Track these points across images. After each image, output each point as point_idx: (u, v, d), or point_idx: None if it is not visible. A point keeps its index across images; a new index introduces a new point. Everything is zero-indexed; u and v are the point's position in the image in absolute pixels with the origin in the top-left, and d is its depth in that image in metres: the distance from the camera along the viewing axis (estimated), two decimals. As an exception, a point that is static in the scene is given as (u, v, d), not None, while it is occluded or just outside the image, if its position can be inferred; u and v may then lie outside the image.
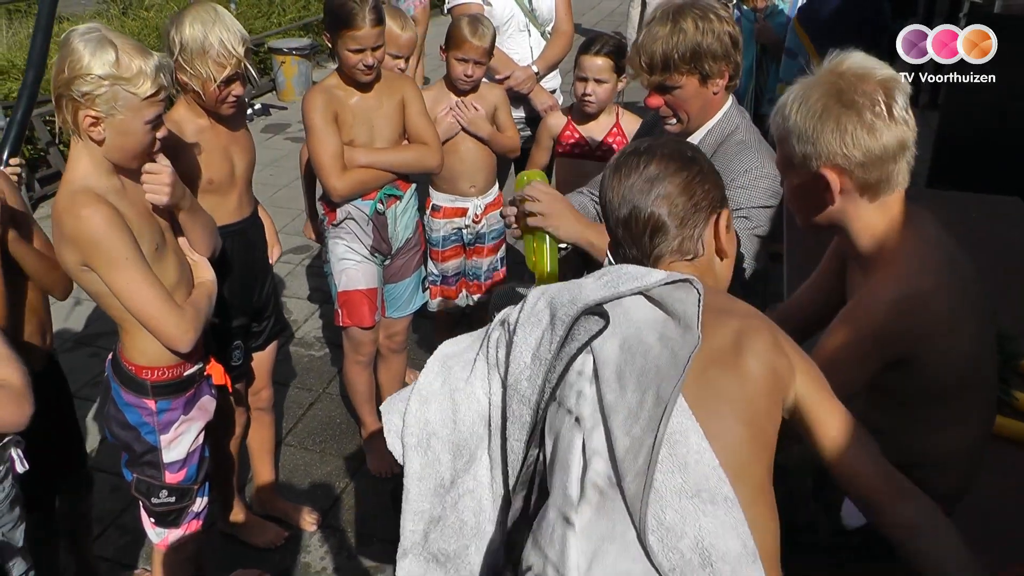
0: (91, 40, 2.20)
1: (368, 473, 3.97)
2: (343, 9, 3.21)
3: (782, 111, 1.99)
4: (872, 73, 1.93)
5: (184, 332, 2.42)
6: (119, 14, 11.36)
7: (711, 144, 2.86)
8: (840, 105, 1.90)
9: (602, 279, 1.67)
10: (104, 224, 2.25)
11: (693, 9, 2.72)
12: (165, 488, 2.62)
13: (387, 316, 3.86)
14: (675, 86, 2.76)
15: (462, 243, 4.18)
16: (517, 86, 4.49)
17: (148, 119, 2.29)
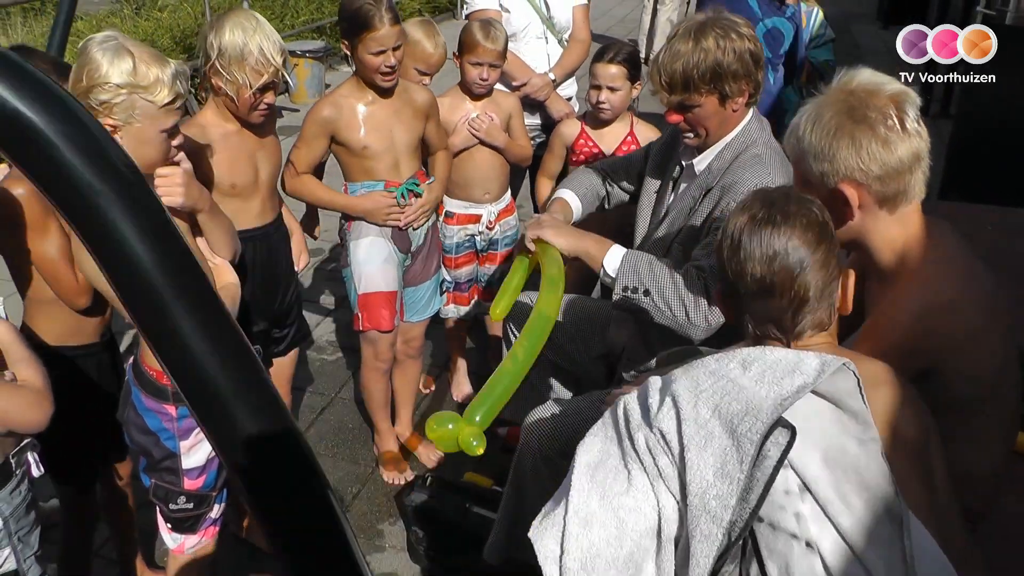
0: (109, 49, 2.21)
1: (380, 480, 3.96)
2: (359, 12, 3.22)
3: (795, 132, 2.02)
4: (882, 88, 1.96)
5: None
6: (132, 14, 11.38)
7: (728, 158, 2.86)
8: (853, 121, 1.92)
9: (754, 370, 1.61)
10: None
11: (715, 27, 2.72)
12: (183, 494, 2.62)
13: (405, 320, 3.86)
14: (695, 105, 2.77)
15: (475, 250, 4.18)
16: (534, 93, 4.49)
17: (165, 127, 2.29)
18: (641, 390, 1.71)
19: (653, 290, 2.72)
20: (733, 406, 1.54)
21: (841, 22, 16.52)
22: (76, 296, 2.68)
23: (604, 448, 1.71)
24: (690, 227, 2.91)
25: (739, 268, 1.78)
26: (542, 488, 2.84)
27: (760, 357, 1.62)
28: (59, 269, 2.62)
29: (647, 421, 1.65)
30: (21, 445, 2.21)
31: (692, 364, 1.66)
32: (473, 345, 4.80)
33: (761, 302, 1.76)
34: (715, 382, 1.59)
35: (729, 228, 1.81)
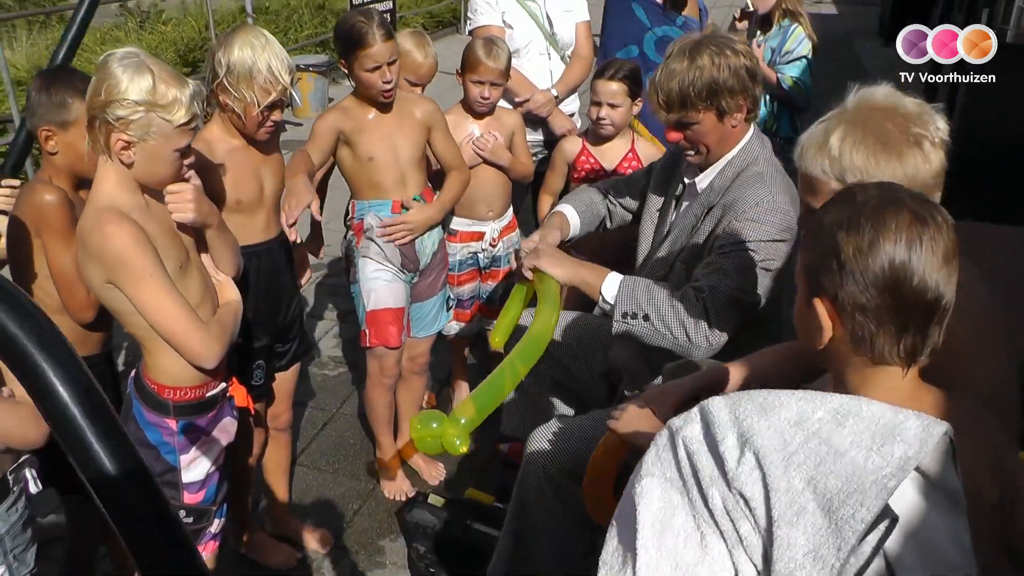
0: (129, 65, 2.19)
1: (381, 495, 3.95)
2: (353, 30, 3.26)
3: (827, 152, 1.96)
4: (907, 103, 1.96)
5: (209, 348, 2.41)
6: (136, 27, 11.42)
7: (730, 176, 2.87)
8: (898, 138, 1.90)
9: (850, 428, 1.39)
10: (129, 240, 2.24)
11: (710, 45, 2.75)
12: (183, 508, 2.60)
13: (412, 336, 3.86)
14: (693, 122, 2.79)
15: (478, 267, 4.18)
16: (537, 109, 4.50)
17: (178, 147, 2.28)
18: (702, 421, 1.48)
19: (652, 315, 2.73)
20: (831, 481, 1.35)
21: (843, 38, 16.57)
22: (85, 310, 2.69)
23: (666, 497, 1.49)
24: (692, 245, 2.92)
25: (894, 273, 1.49)
26: (545, 506, 2.85)
27: (855, 411, 1.41)
28: (74, 281, 2.63)
29: (724, 476, 1.42)
30: (19, 462, 2.20)
31: (768, 402, 1.44)
32: (475, 361, 4.79)
33: (895, 316, 1.51)
34: (806, 441, 1.39)
35: (884, 230, 1.49)
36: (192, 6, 12.70)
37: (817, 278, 1.56)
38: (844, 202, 1.56)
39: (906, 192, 1.54)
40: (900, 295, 1.48)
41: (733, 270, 2.72)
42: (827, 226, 1.55)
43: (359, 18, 3.28)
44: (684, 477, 1.48)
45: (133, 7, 12.42)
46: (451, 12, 16.44)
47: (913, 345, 1.52)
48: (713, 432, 1.45)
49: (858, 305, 1.50)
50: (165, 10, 12.62)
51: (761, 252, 2.71)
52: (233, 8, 12.60)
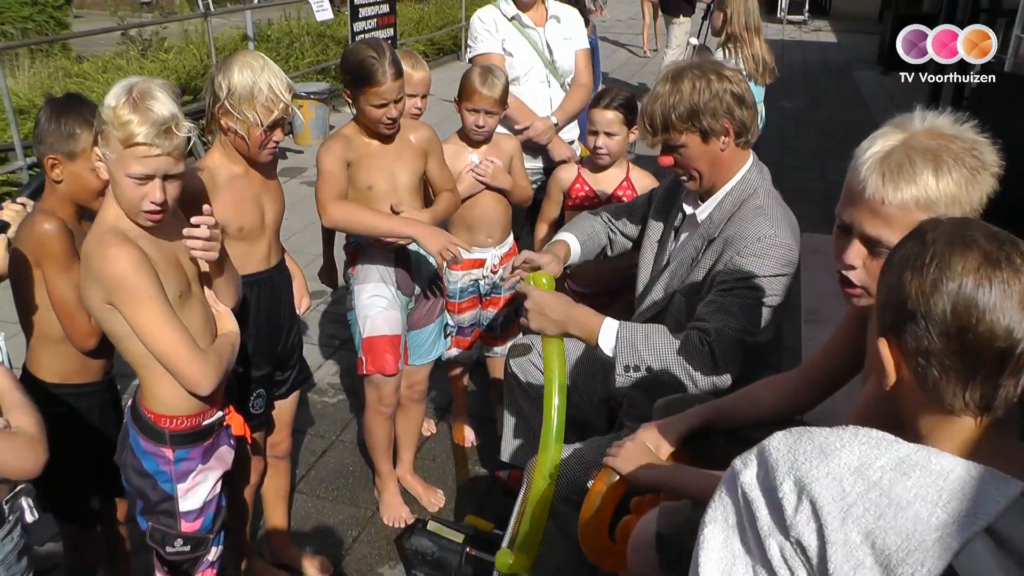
0: (125, 84, 2.25)
1: (380, 523, 3.94)
2: (363, 66, 3.25)
3: (915, 181, 1.85)
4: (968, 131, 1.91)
5: (206, 375, 2.41)
6: (138, 55, 11.45)
7: (728, 208, 2.87)
8: (982, 169, 1.87)
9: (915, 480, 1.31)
10: (130, 263, 2.26)
11: (693, 70, 2.80)
12: (180, 537, 2.60)
13: (409, 364, 3.85)
14: (678, 144, 2.83)
15: (479, 294, 4.19)
16: (536, 137, 4.52)
17: (129, 172, 2.26)
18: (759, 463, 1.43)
19: (655, 365, 2.72)
20: (891, 537, 1.28)
21: (842, 67, 16.66)
22: (86, 337, 2.70)
23: (728, 545, 1.45)
24: (693, 278, 2.91)
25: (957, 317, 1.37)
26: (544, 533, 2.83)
27: (923, 463, 1.33)
28: (75, 310, 2.64)
29: (780, 526, 1.37)
30: (15, 491, 2.19)
31: (829, 444, 1.37)
32: (474, 388, 4.79)
33: (960, 363, 1.38)
34: (866, 491, 1.31)
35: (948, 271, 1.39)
36: (194, 34, 12.76)
37: (884, 317, 1.48)
38: (914, 238, 1.46)
39: (983, 229, 1.43)
40: (965, 341, 1.36)
41: (738, 310, 2.72)
42: (896, 263, 1.46)
43: (370, 53, 3.27)
44: (743, 524, 1.44)
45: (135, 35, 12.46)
46: (452, 40, 16.52)
47: (983, 395, 1.39)
48: (771, 476, 1.40)
49: (921, 349, 1.40)
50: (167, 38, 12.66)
51: (765, 288, 2.72)
52: (235, 36, 12.65)
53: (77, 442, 2.83)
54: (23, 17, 19.49)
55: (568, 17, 4.78)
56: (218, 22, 11.57)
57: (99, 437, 2.88)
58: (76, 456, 2.81)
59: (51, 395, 2.78)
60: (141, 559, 3.34)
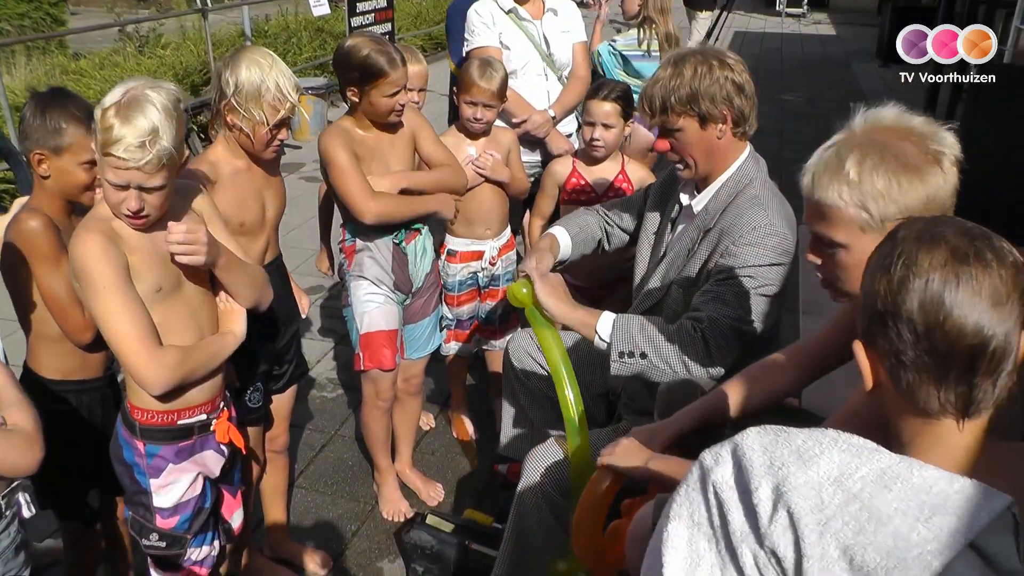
0: (123, 87, 2.22)
1: (379, 517, 3.94)
2: (370, 59, 3.25)
3: (844, 178, 1.88)
4: (919, 123, 1.91)
5: (154, 374, 2.34)
6: (135, 52, 11.45)
7: (724, 198, 2.87)
8: (921, 160, 1.84)
9: (896, 493, 1.26)
10: (93, 250, 2.25)
11: (696, 56, 2.80)
12: (156, 531, 2.58)
13: (406, 357, 3.85)
14: (675, 128, 2.83)
15: (477, 287, 4.18)
16: (534, 130, 4.51)
17: (106, 178, 2.25)
18: (734, 462, 1.37)
19: (650, 352, 2.72)
20: (869, 554, 1.22)
21: (842, 60, 16.64)
22: (82, 332, 2.68)
23: (693, 544, 1.38)
24: (689, 270, 2.91)
25: (924, 315, 1.35)
26: (543, 526, 2.83)
27: (904, 475, 1.28)
28: (67, 304, 2.62)
29: (755, 532, 1.31)
30: (12, 486, 2.18)
31: (808, 450, 1.32)
32: (473, 382, 4.78)
33: (932, 363, 1.35)
34: (845, 504, 1.26)
35: (915, 268, 1.36)
36: (191, 30, 12.75)
37: (861, 320, 1.45)
38: (888, 239, 1.43)
39: (955, 225, 1.39)
40: (933, 340, 1.32)
41: (733, 298, 2.72)
42: (871, 266, 1.43)
43: (373, 46, 3.27)
44: (713, 525, 1.37)
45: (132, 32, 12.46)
46: (450, 35, 16.49)
47: (959, 396, 1.34)
48: (746, 478, 1.34)
49: (892, 350, 1.37)
50: (164, 35, 12.66)
51: (759, 277, 2.71)
52: (232, 32, 12.64)
53: (78, 439, 2.82)
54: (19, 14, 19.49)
55: (565, 10, 4.77)
56: (215, 18, 11.55)
57: (100, 435, 2.87)
58: (76, 453, 2.81)
59: (52, 392, 2.78)
60: (140, 556, 3.34)
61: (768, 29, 21.49)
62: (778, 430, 1.37)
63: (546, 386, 3.42)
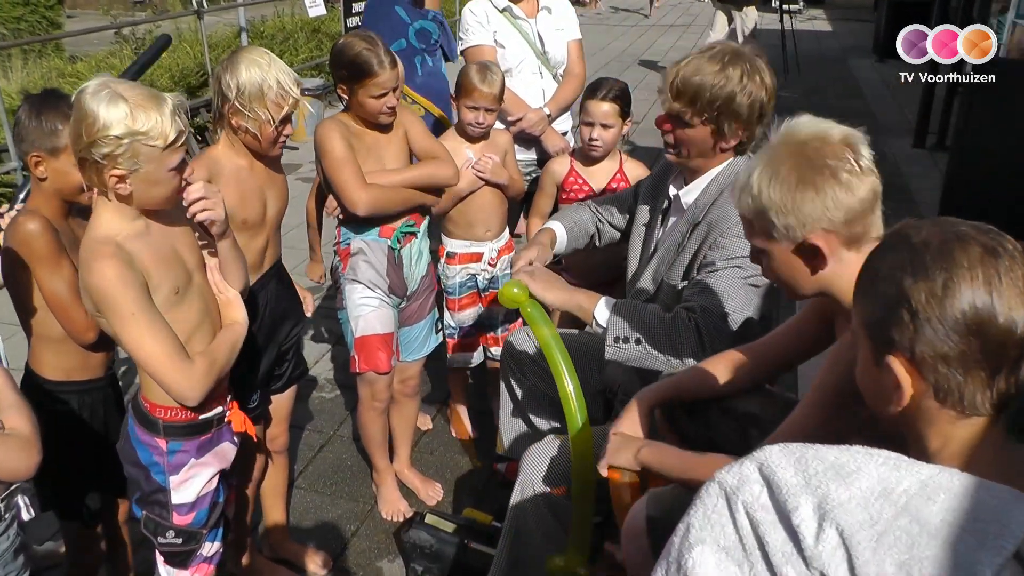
0: (102, 99, 2.13)
1: (378, 517, 3.94)
2: (360, 59, 3.26)
3: (748, 190, 1.99)
4: (831, 133, 1.96)
5: (191, 387, 2.36)
6: (131, 54, 11.43)
7: (714, 192, 2.88)
8: (814, 171, 1.91)
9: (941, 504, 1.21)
10: (114, 278, 2.21)
11: (746, 63, 2.73)
12: (172, 529, 2.58)
13: (402, 360, 3.85)
14: (688, 123, 2.79)
15: (477, 289, 4.18)
16: (529, 128, 4.52)
17: (172, 166, 2.23)
18: (764, 483, 1.30)
19: (644, 338, 2.73)
20: (927, 568, 1.16)
21: (838, 55, 16.64)
22: (84, 332, 2.69)
23: (722, 568, 1.29)
24: (679, 263, 2.92)
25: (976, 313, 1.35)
26: (541, 524, 2.83)
27: (947, 485, 1.24)
28: (69, 305, 2.63)
29: (799, 553, 1.24)
30: (11, 489, 2.19)
31: (843, 465, 1.26)
32: (472, 381, 4.79)
33: (984, 360, 1.36)
34: (895, 518, 1.20)
35: (956, 269, 1.36)
36: (187, 32, 12.74)
37: (884, 333, 1.42)
38: (900, 245, 1.42)
39: (965, 224, 1.41)
40: (987, 337, 1.33)
41: (722, 289, 2.72)
42: (887, 274, 1.42)
43: (364, 46, 3.28)
44: (746, 548, 1.29)
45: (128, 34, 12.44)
46: (446, 34, 16.48)
47: (1006, 388, 1.37)
48: (781, 497, 1.26)
49: (940, 355, 1.36)
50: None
51: (748, 268, 2.70)
52: (228, 33, 12.64)
53: (79, 440, 2.83)
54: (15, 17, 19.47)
55: (560, 8, 4.78)
56: (211, 20, 11.54)
57: (101, 435, 2.88)
58: (77, 454, 2.82)
59: (54, 393, 2.79)
60: (141, 556, 3.35)
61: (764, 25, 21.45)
62: (802, 446, 1.31)
63: (544, 384, 3.43)
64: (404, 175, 3.53)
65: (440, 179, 3.63)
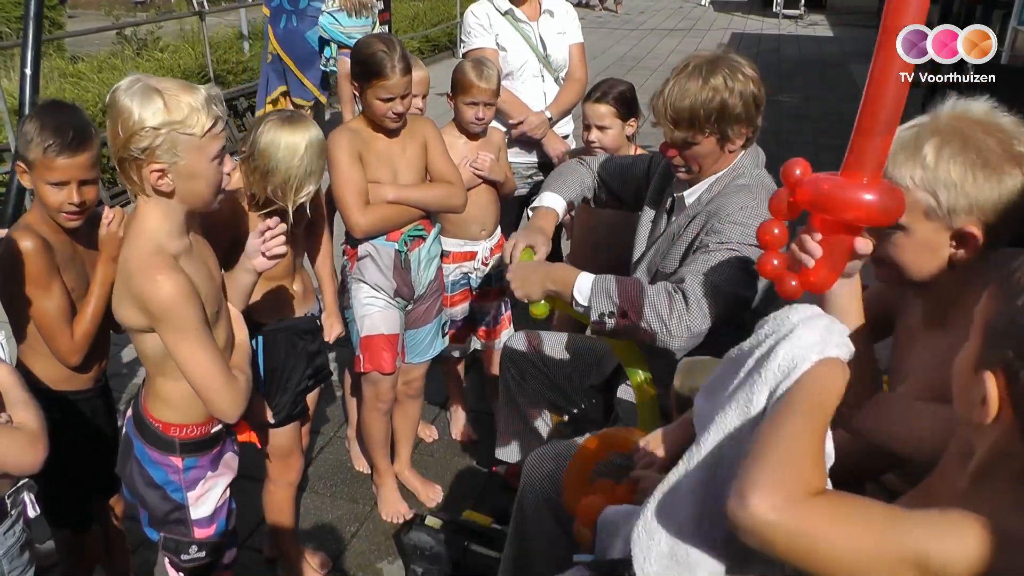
0: (135, 93, 2.12)
1: (378, 518, 3.95)
2: (373, 59, 3.26)
3: (920, 161, 1.82)
4: (1007, 122, 1.84)
5: (236, 405, 2.36)
6: (133, 55, 11.44)
7: (717, 190, 2.87)
8: (1000, 157, 1.78)
9: None
10: (179, 293, 2.19)
11: (724, 67, 2.73)
12: (195, 544, 2.57)
13: (407, 361, 3.86)
14: (694, 143, 2.78)
15: (470, 287, 4.18)
16: (531, 131, 4.52)
17: (212, 155, 2.21)
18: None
19: (629, 310, 2.69)
20: None
21: (839, 61, 16.65)
22: (69, 355, 2.70)
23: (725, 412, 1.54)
24: (674, 251, 2.90)
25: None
26: (544, 530, 2.83)
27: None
28: (56, 327, 2.63)
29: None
30: (18, 485, 2.19)
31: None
32: (472, 383, 4.79)
33: None
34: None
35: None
36: (189, 33, 12.74)
37: (999, 347, 1.32)
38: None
39: None
40: None
41: (715, 264, 2.70)
42: (1006, 294, 1.32)
43: (381, 47, 3.29)
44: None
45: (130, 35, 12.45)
46: (447, 36, 16.49)
47: None
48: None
49: None
50: (162, 38, 12.65)
51: (743, 253, 2.70)
52: (229, 35, 12.64)
53: (68, 448, 2.81)
54: (17, 17, 19.43)
55: (561, 11, 4.78)
56: (213, 20, 11.55)
57: (92, 442, 2.87)
58: (69, 461, 2.81)
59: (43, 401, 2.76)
60: (141, 557, 3.35)
61: (765, 30, 21.50)
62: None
63: (543, 388, 3.43)
64: (414, 195, 3.54)
65: (449, 206, 3.66)
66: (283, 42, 8.76)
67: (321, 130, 2.96)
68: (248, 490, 3.40)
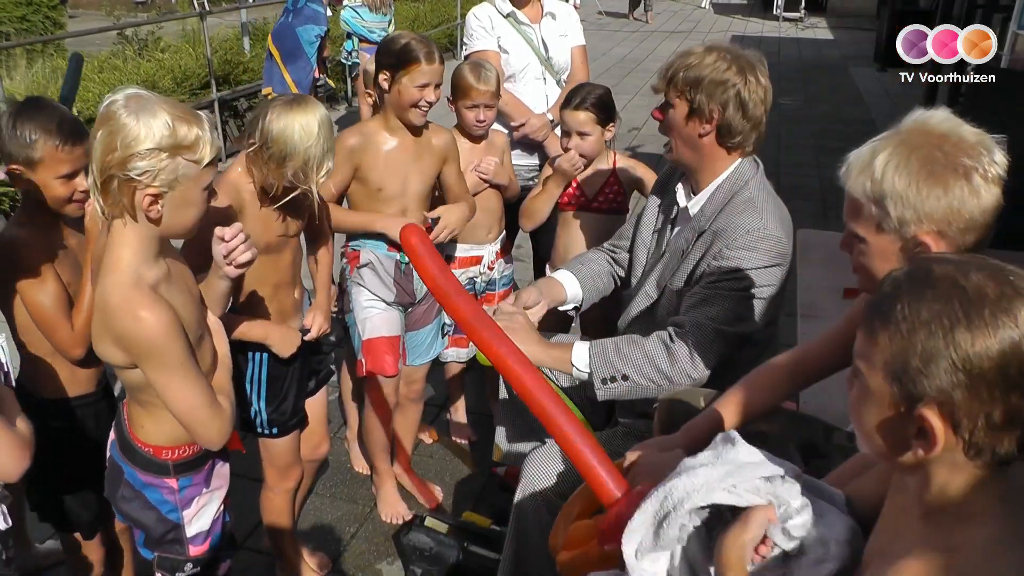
0: (138, 109, 1.99)
1: (378, 519, 3.95)
2: (408, 47, 3.30)
3: (870, 173, 1.85)
4: (966, 133, 1.85)
5: (221, 434, 2.29)
6: (134, 55, 11.45)
7: (720, 201, 2.85)
8: (946, 168, 1.79)
9: None
10: (163, 329, 2.07)
11: (727, 52, 2.78)
12: (190, 561, 2.54)
13: (408, 364, 3.86)
14: (669, 103, 2.84)
15: (474, 292, 4.18)
16: (532, 133, 4.52)
17: (204, 185, 2.11)
18: None
19: (631, 372, 2.72)
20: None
21: (839, 64, 16.66)
22: (71, 347, 2.66)
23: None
24: (682, 271, 2.90)
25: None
26: (544, 529, 2.83)
27: None
28: (54, 319, 2.61)
29: None
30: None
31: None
32: (471, 385, 4.79)
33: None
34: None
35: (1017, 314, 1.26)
36: (190, 33, 12.75)
37: (917, 383, 1.29)
38: (949, 290, 1.29)
39: (1012, 271, 1.30)
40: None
41: (721, 301, 2.71)
42: (927, 320, 1.28)
43: (413, 38, 3.34)
44: None
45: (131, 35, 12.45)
46: (447, 38, 16.52)
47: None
48: None
49: (986, 414, 1.26)
50: (163, 38, 12.66)
51: (754, 279, 2.71)
52: (230, 34, 12.65)
53: (74, 454, 2.82)
54: (18, 17, 19.47)
55: (563, 14, 4.78)
56: (214, 21, 11.56)
57: (98, 447, 2.86)
58: (73, 468, 2.82)
59: (47, 410, 2.76)
60: (141, 557, 3.35)
61: (766, 33, 21.51)
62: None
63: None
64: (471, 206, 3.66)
65: (452, 229, 3.67)
66: (276, 36, 9.05)
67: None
68: (248, 490, 3.41)
